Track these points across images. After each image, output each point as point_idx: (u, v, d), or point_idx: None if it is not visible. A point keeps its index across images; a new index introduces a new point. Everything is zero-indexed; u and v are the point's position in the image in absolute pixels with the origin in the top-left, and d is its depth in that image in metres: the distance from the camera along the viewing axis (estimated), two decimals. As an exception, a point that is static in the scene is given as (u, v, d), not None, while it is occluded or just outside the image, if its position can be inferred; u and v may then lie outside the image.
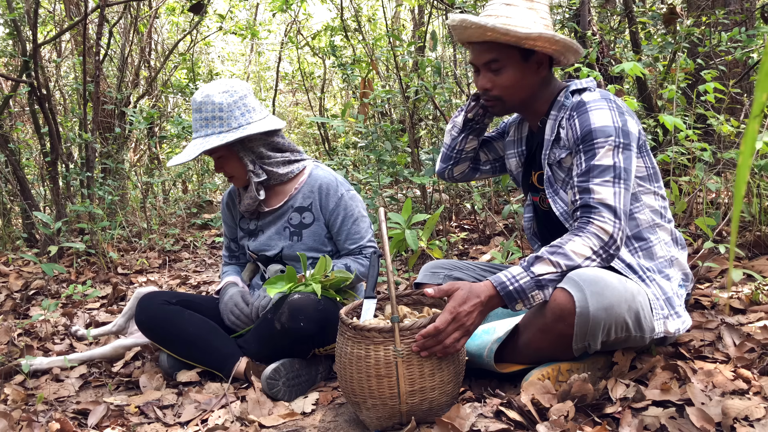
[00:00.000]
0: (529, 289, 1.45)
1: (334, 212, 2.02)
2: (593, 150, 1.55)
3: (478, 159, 2.04)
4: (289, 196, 2.06)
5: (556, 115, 1.70)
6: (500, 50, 1.64)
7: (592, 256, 1.47)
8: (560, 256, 1.46)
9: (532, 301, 1.47)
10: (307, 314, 1.77)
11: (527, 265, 1.48)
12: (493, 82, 1.68)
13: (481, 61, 1.68)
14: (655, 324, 1.52)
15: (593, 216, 1.50)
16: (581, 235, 1.49)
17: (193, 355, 1.95)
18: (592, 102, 1.60)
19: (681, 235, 1.74)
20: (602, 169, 1.53)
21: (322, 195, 2.03)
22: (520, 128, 1.91)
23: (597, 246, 1.47)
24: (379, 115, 5.47)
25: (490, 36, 1.61)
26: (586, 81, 1.72)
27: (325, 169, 2.09)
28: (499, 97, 1.70)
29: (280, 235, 2.05)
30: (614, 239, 1.49)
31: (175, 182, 6.99)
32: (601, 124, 1.56)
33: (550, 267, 1.46)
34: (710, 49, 3.78)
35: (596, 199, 1.51)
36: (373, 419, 1.48)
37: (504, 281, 1.46)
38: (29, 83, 3.94)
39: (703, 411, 1.33)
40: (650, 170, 1.68)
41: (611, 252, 1.49)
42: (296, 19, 7.69)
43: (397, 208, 4.16)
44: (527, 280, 1.45)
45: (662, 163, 2.71)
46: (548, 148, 1.70)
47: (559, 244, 1.49)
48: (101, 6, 4.27)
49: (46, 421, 1.70)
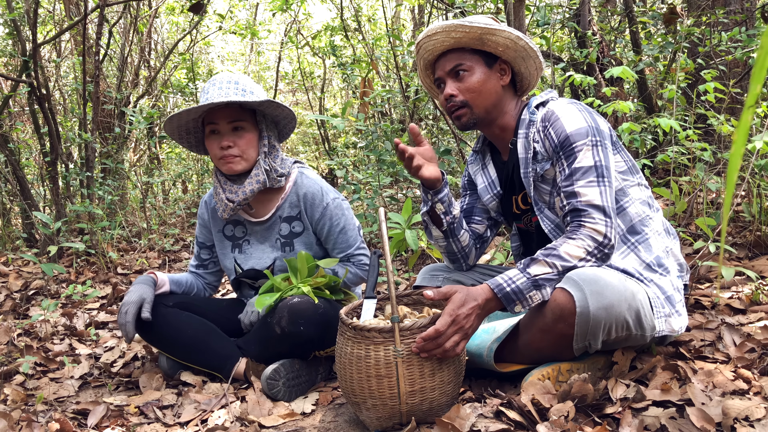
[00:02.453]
0: (526, 289, 1.46)
1: (320, 222, 1.99)
2: (573, 153, 1.58)
3: (478, 234, 1.96)
4: (276, 206, 2.02)
5: (525, 133, 1.72)
6: (465, 55, 1.71)
7: (587, 257, 1.48)
8: (555, 257, 1.48)
9: (530, 301, 1.47)
10: (307, 318, 1.76)
11: (523, 267, 1.49)
12: (459, 88, 1.72)
13: (447, 68, 1.73)
14: (656, 322, 1.52)
15: (583, 219, 1.52)
16: (575, 237, 1.50)
17: (192, 357, 1.94)
18: (560, 109, 1.64)
19: (670, 225, 1.76)
20: (584, 170, 1.56)
21: (307, 204, 1.99)
22: (486, 172, 1.91)
23: (591, 247, 1.49)
24: (379, 115, 5.47)
25: (455, 35, 1.67)
26: (545, 94, 1.76)
27: (310, 176, 2.05)
28: (465, 102, 1.72)
29: (272, 248, 2.02)
30: (608, 238, 1.50)
31: (175, 182, 6.99)
32: (575, 127, 1.60)
33: (546, 268, 1.47)
34: (710, 49, 3.78)
35: (583, 201, 1.53)
36: (373, 419, 1.48)
37: (501, 283, 1.46)
38: (29, 83, 3.94)
39: (704, 411, 1.33)
40: (629, 163, 1.71)
41: (606, 252, 1.51)
42: (296, 18, 7.70)
43: (397, 208, 4.16)
44: (524, 281, 1.46)
45: (662, 163, 2.71)
46: (527, 166, 1.72)
47: (554, 246, 1.50)
48: (101, 6, 4.27)
49: (45, 421, 1.70)
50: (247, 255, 2.06)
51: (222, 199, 1.97)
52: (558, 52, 5.10)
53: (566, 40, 5.31)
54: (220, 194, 1.98)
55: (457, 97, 1.71)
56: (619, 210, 1.65)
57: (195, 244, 2.21)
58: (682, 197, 2.54)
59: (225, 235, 2.10)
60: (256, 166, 1.95)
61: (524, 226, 1.87)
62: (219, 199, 1.98)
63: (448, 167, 4.21)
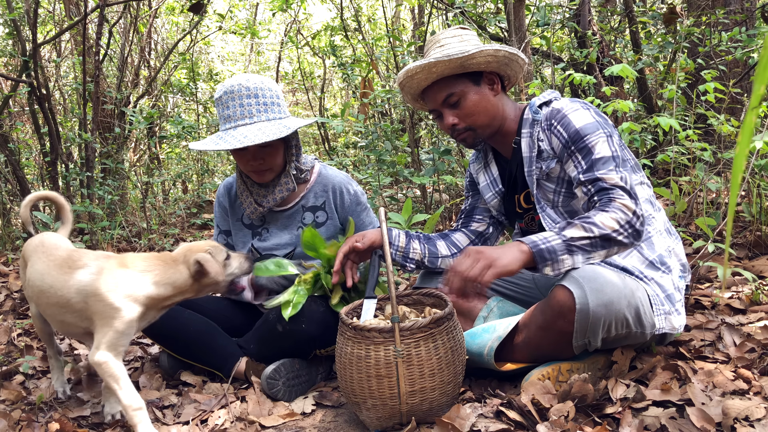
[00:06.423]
0: (560, 251, 1.45)
1: (350, 208, 2.04)
2: (587, 146, 1.59)
3: (479, 232, 1.97)
4: (300, 196, 2.05)
5: (529, 132, 1.73)
6: (451, 83, 1.71)
7: (620, 229, 1.48)
8: (591, 224, 1.47)
9: (561, 265, 1.46)
10: (309, 316, 1.77)
11: (559, 229, 1.49)
12: (457, 115, 1.72)
13: (439, 101, 1.73)
14: (656, 320, 1.52)
15: (613, 194, 1.52)
16: (608, 210, 1.50)
17: (193, 354, 1.94)
18: (566, 107, 1.65)
19: (671, 225, 1.76)
20: (604, 160, 1.57)
21: (336, 194, 2.04)
22: (488, 170, 1.92)
23: (623, 220, 1.48)
24: (379, 115, 5.47)
25: (435, 71, 1.68)
26: (547, 94, 1.77)
27: (332, 168, 2.11)
28: (469, 127, 1.73)
29: (292, 235, 2.03)
30: (638, 215, 1.50)
31: (175, 182, 6.99)
32: (584, 122, 1.61)
33: (582, 231, 1.47)
34: (710, 48, 3.79)
35: (609, 182, 1.54)
36: (373, 419, 1.48)
37: (536, 240, 1.47)
38: (29, 83, 3.94)
39: (704, 411, 1.33)
40: (632, 162, 1.72)
41: (637, 228, 1.50)
42: (296, 18, 7.70)
43: (397, 208, 4.16)
44: (559, 242, 1.46)
45: (662, 163, 2.71)
46: (531, 164, 1.72)
47: (588, 215, 1.50)
48: (101, 6, 4.27)
49: (45, 421, 1.70)
50: (265, 242, 2.07)
51: (250, 203, 2.00)
52: (558, 52, 5.11)
53: (566, 40, 5.31)
54: (247, 197, 2.01)
55: (460, 125, 1.73)
56: None
57: (217, 233, 2.19)
58: (682, 197, 2.54)
59: (244, 224, 2.11)
60: (285, 174, 1.97)
61: (526, 225, 1.87)
62: (246, 202, 2.01)
63: (448, 167, 4.21)
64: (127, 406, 1.50)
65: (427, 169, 3.39)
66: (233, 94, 1.84)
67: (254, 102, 1.84)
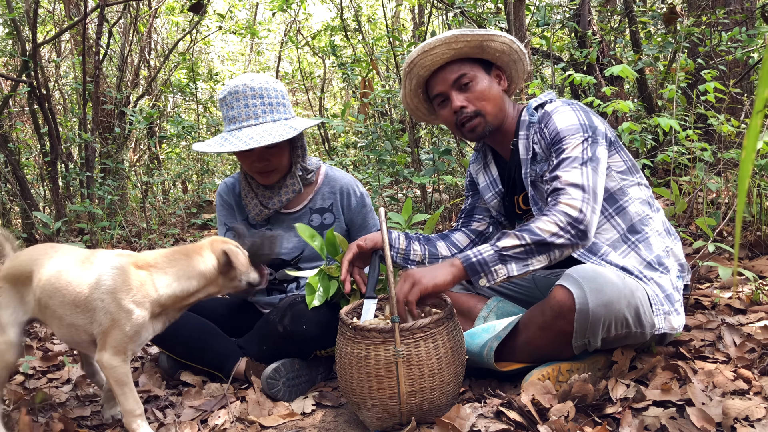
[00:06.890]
0: (492, 261, 1.46)
1: (356, 210, 2.05)
2: (562, 147, 1.59)
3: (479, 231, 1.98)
4: (308, 198, 2.04)
5: (526, 134, 1.73)
6: (465, 65, 1.71)
7: (559, 232, 1.47)
8: (526, 231, 1.48)
9: (495, 275, 1.47)
10: (310, 317, 1.77)
11: (494, 240, 1.50)
12: (467, 98, 1.72)
13: (450, 80, 1.72)
14: (656, 320, 1.52)
15: (560, 196, 1.52)
16: (548, 214, 1.50)
17: (192, 355, 1.94)
18: (554, 109, 1.66)
19: (671, 225, 1.76)
20: (570, 159, 1.57)
21: (344, 196, 2.04)
22: (488, 171, 1.92)
23: (563, 222, 1.47)
24: (379, 115, 5.47)
25: (456, 46, 1.67)
26: (544, 95, 1.77)
27: (337, 170, 2.11)
28: (477, 111, 1.72)
29: (299, 239, 2.00)
30: (583, 213, 1.48)
31: (175, 182, 6.99)
32: (566, 124, 1.61)
33: (515, 240, 1.47)
34: (710, 48, 3.78)
35: (563, 181, 1.54)
36: (373, 419, 1.48)
37: (468, 254, 1.48)
38: (29, 83, 3.94)
39: (704, 411, 1.33)
40: (628, 163, 1.71)
41: (580, 228, 1.48)
42: (296, 18, 7.70)
43: (397, 208, 4.16)
44: (491, 253, 1.47)
45: (662, 163, 2.71)
46: (527, 167, 1.73)
47: (527, 223, 1.51)
48: (101, 6, 4.27)
49: (45, 421, 1.69)
50: None
51: (255, 205, 1.99)
52: (558, 52, 5.10)
53: (566, 40, 5.31)
54: (252, 199, 2.00)
55: (468, 108, 1.71)
56: (619, 209, 1.66)
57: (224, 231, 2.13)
58: (682, 197, 2.53)
59: (250, 224, 2.09)
60: (291, 175, 1.96)
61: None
62: (251, 204, 2.00)
63: (448, 167, 4.21)
64: (128, 411, 1.50)
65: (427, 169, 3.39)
66: (238, 94, 1.82)
67: (259, 102, 1.82)
